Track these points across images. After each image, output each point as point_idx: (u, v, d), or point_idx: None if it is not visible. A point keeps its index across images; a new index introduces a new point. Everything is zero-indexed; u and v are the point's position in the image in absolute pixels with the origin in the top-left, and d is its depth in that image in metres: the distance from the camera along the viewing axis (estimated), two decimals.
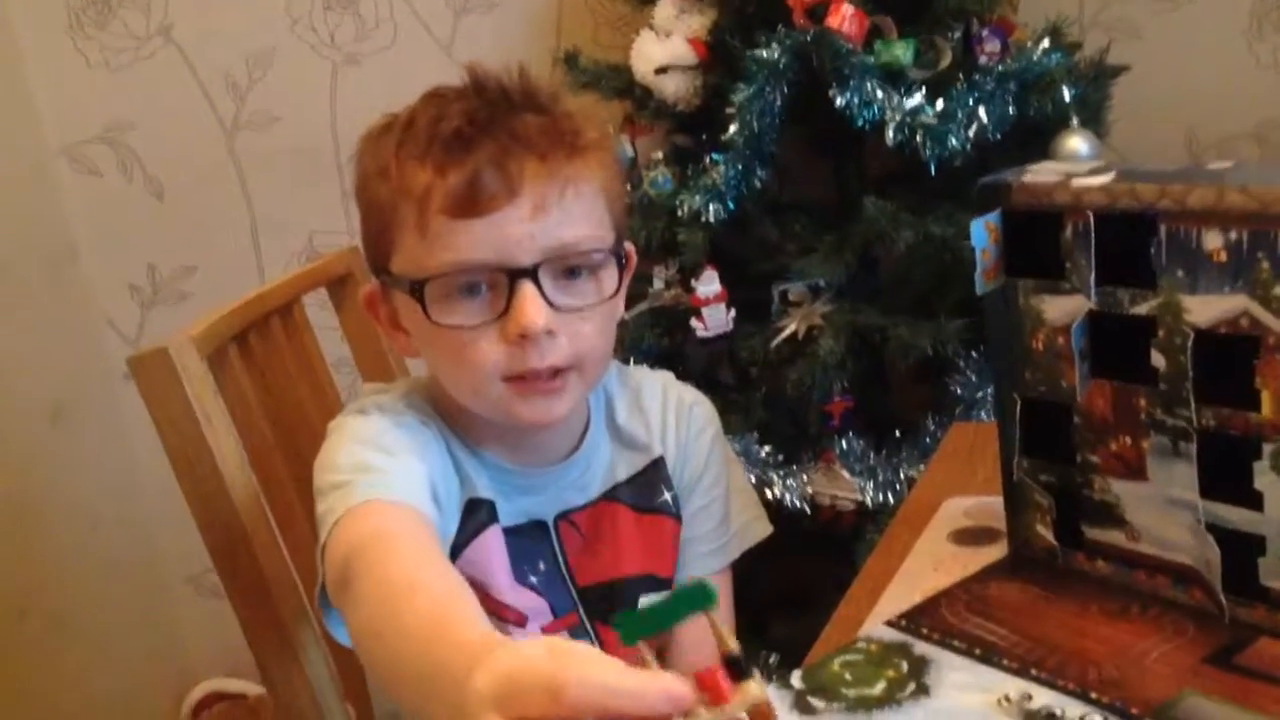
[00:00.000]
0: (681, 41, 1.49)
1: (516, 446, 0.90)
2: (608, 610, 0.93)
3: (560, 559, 0.92)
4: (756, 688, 0.46)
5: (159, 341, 0.87)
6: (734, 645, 0.47)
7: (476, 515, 0.86)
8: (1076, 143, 1.37)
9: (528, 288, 0.78)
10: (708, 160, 1.44)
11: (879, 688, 0.76)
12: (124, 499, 1.90)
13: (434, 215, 0.78)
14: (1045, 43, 1.41)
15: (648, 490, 0.95)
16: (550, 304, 0.79)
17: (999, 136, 1.38)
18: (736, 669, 0.46)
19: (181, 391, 0.84)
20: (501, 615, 0.87)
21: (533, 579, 0.90)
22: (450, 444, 0.87)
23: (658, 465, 0.95)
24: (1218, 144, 1.60)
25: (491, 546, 0.86)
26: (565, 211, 0.80)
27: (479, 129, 0.79)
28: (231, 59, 1.83)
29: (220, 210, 1.88)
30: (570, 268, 0.81)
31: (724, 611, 0.99)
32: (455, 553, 0.86)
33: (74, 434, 1.82)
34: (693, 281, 1.48)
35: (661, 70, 1.50)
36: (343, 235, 1.83)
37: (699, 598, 0.47)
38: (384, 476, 0.79)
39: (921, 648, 0.80)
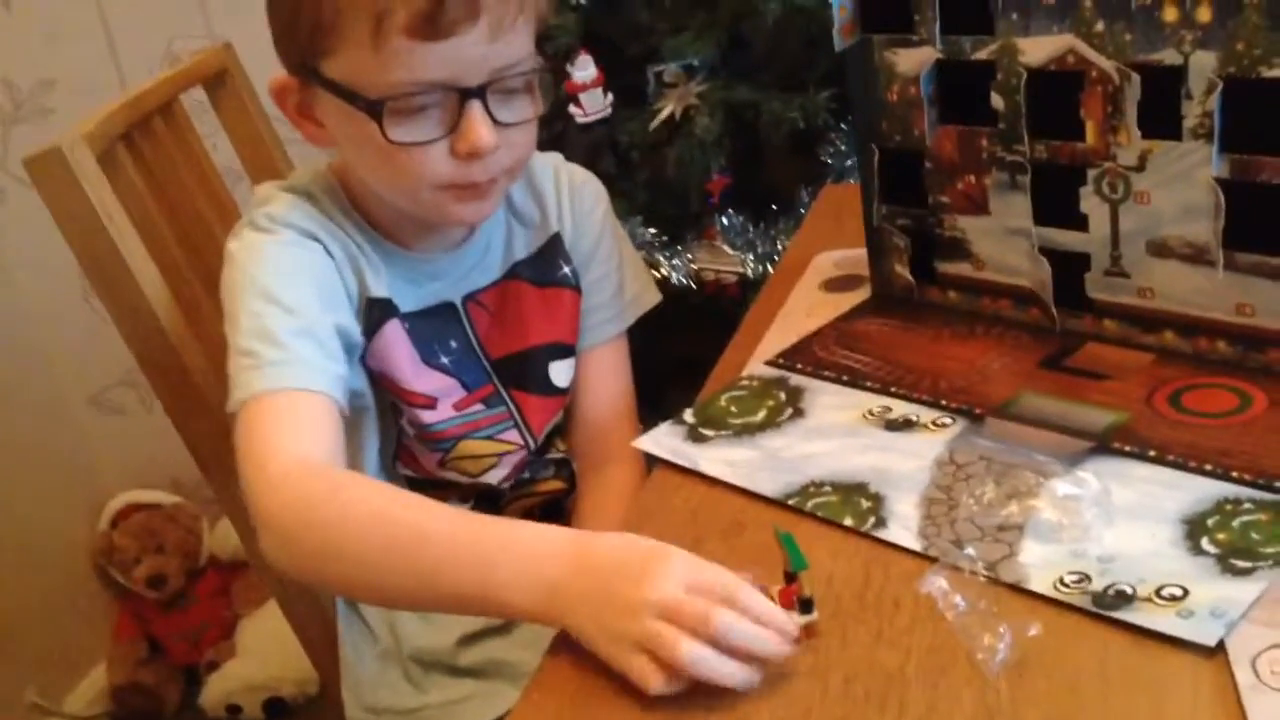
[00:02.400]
0: None
1: (418, 234, 0.94)
2: (520, 378, 0.99)
3: (472, 336, 0.97)
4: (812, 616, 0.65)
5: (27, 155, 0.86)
6: (808, 591, 0.65)
7: (374, 312, 0.90)
8: None
9: (477, 108, 0.82)
10: None
11: (761, 415, 0.85)
12: (12, 325, 1.89)
13: (394, 34, 0.78)
14: None
15: (547, 265, 1.00)
16: (494, 121, 0.83)
17: None
18: (806, 607, 0.64)
19: (81, 191, 0.85)
20: (410, 401, 0.93)
21: (444, 359, 0.95)
22: (352, 235, 0.91)
23: (555, 241, 1.01)
24: None
25: (391, 339, 0.91)
26: (515, 33, 0.82)
27: None
28: None
29: (72, 19, 1.80)
30: (510, 87, 0.84)
31: (624, 374, 1.07)
32: (363, 352, 0.91)
33: None
34: (568, 66, 1.50)
35: None
36: (203, 39, 1.78)
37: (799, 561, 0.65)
38: (289, 365, 0.81)
39: (796, 379, 0.89)
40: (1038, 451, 0.74)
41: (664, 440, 0.84)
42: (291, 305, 0.83)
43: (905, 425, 0.80)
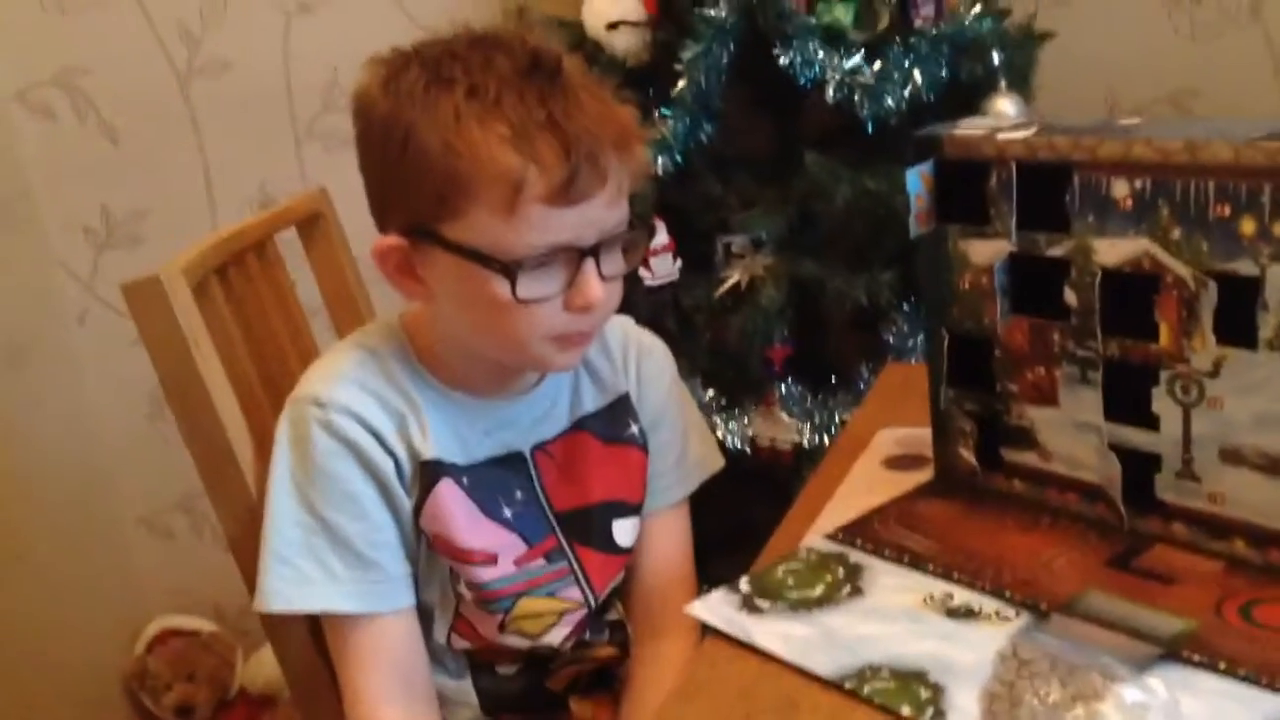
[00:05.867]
0: None
1: (490, 383, 0.96)
2: (584, 533, 1.00)
3: (538, 486, 0.98)
4: None
5: (113, 284, 0.90)
6: None
7: (425, 475, 0.92)
8: (1004, 105, 1.46)
9: (591, 265, 0.86)
10: (656, 115, 1.50)
11: (819, 590, 0.84)
12: (78, 441, 1.93)
13: (530, 202, 0.82)
14: (977, 8, 1.49)
15: (615, 423, 1.02)
16: (603, 277, 0.87)
17: (932, 98, 1.46)
18: None
19: (173, 317, 0.88)
20: (468, 560, 0.94)
21: (507, 511, 0.96)
22: (410, 394, 0.93)
23: (624, 400, 1.03)
24: (1137, 109, 1.70)
25: (446, 498, 0.92)
26: (624, 196, 0.88)
27: (562, 115, 0.83)
28: (185, 6, 1.84)
29: (174, 156, 1.89)
30: (614, 245, 0.89)
31: (685, 540, 1.07)
32: (415, 513, 0.93)
33: (28, 376, 1.83)
34: None
35: (612, 26, 1.56)
36: (295, 182, 1.87)
37: None
38: (378, 585, 0.92)
39: (856, 556, 0.88)
40: (1104, 653, 0.72)
41: (718, 608, 0.83)
42: (341, 528, 0.90)
43: (967, 614, 0.79)
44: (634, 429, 1.02)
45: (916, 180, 0.90)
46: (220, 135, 1.89)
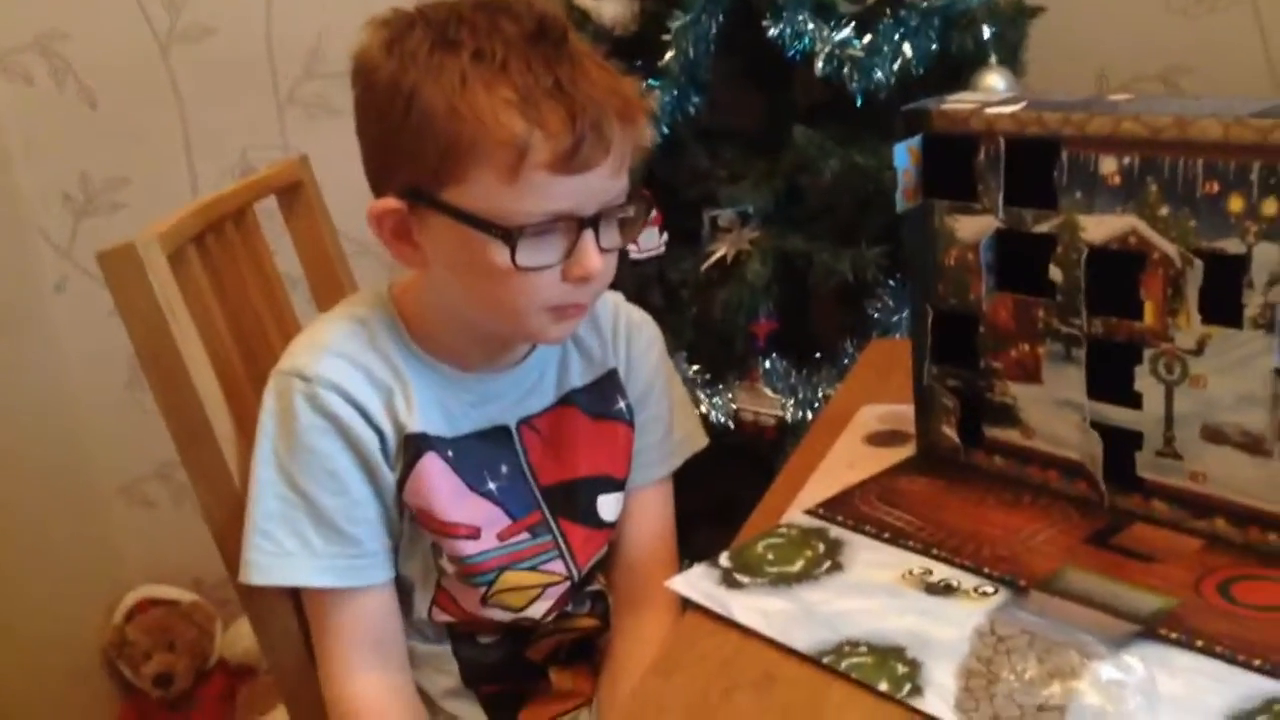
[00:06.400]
0: None
1: (481, 355, 0.96)
2: (568, 507, 0.99)
3: (524, 460, 0.98)
4: None
5: (92, 252, 0.89)
6: None
7: (410, 448, 0.92)
8: (994, 79, 1.44)
9: (590, 236, 0.86)
10: (643, 86, 1.49)
11: (798, 565, 0.84)
12: (56, 410, 1.91)
13: (533, 168, 0.81)
14: None
15: (602, 398, 1.01)
16: (601, 249, 0.86)
17: (922, 71, 1.44)
18: None
19: (148, 286, 0.87)
20: (451, 533, 0.93)
21: (492, 484, 0.95)
22: (397, 365, 0.92)
23: (612, 376, 1.02)
24: (1126, 85, 1.69)
25: (429, 471, 0.92)
26: (625, 168, 0.87)
27: (569, 82, 0.82)
28: None
29: (154, 122, 1.87)
30: (613, 216, 0.88)
31: (668, 516, 1.07)
32: (399, 487, 0.92)
33: (5, 345, 1.81)
34: None
35: None
36: (277, 150, 1.85)
37: None
38: (360, 560, 0.92)
39: (836, 532, 0.88)
40: (1082, 630, 0.72)
41: (698, 583, 0.83)
42: (321, 502, 0.90)
43: (946, 590, 0.79)
44: (621, 404, 1.02)
45: (904, 155, 0.89)
46: (201, 102, 1.87)
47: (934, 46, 1.45)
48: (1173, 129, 0.76)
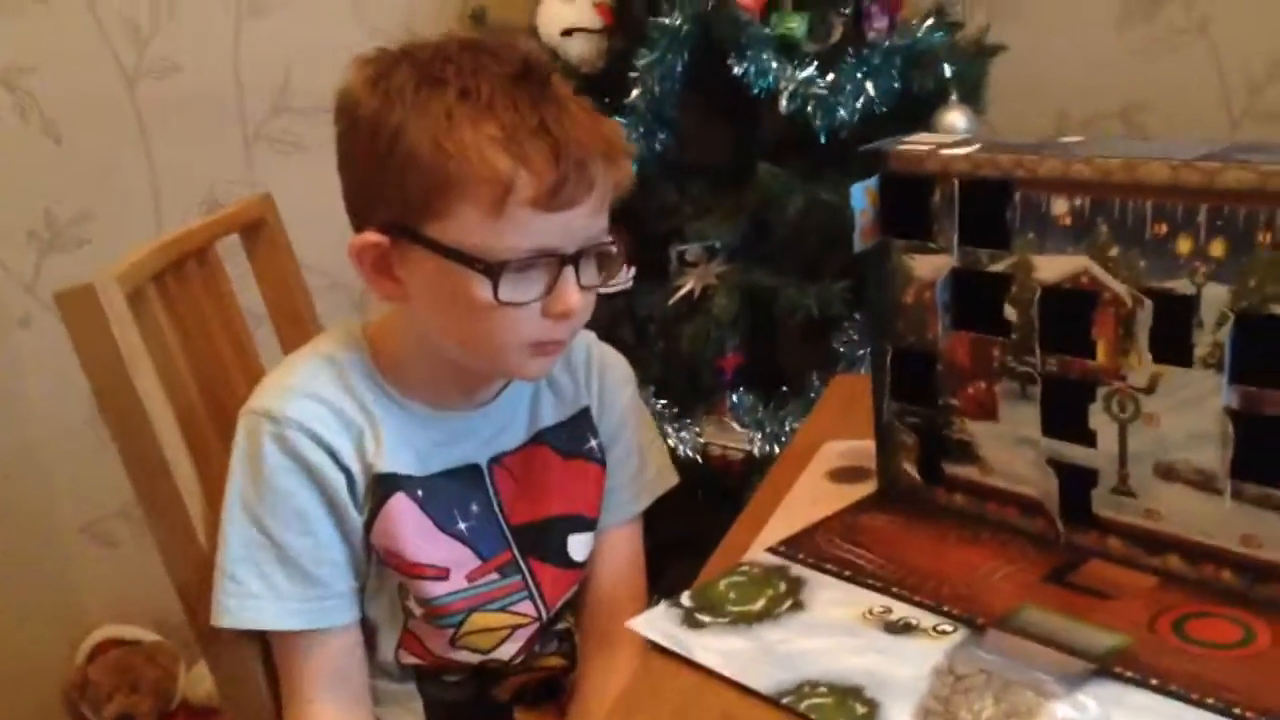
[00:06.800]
0: (588, 6, 1.54)
1: (453, 394, 0.96)
2: (538, 547, 0.99)
3: (494, 499, 0.98)
4: None
5: (57, 288, 0.89)
6: None
7: (379, 489, 0.91)
8: (955, 117, 1.46)
9: (571, 273, 0.86)
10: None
11: (760, 604, 0.84)
12: (19, 447, 1.89)
13: (517, 204, 0.82)
14: (930, 21, 1.51)
15: (574, 437, 1.01)
16: (581, 286, 0.87)
17: (885, 109, 1.46)
18: None
19: (108, 330, 0.86)
20: (419, 574, 0.93)
21: (462, 524, 0.95)
22: (367, 405, 0.92)
23: (585, 414, 1.02)
24: (1087, 123, 1.72)
25: (397, 511, 0.92)
26: (606, 206, 0.88)
27: (553, 122, 0.83)
28: (134, 5, 1.81)
29: (120, 158, 1.86)
30: (593, 254, 0.89)
31: (637, 555, 1.07)
32: (366, 528, 0.92)
33: None
34: None
35: (567, 33, 1.55)
36: (243, 185, 1.84)
37: None
38: (323, 602, 0.92)
39: (798, 570, 0.88)
40: (1038, 669, 0.73)
41: (658, 623, 0.83)
42: (290, 545, 0.90)
43: (905, 629, 0.79)
44: (593, 443, 1.02)
45: (861, 196, 0.90)
46: (168, 138, 1.87)
47: (896, 85, 1.47)
48: (1122, 172, 0.77)
